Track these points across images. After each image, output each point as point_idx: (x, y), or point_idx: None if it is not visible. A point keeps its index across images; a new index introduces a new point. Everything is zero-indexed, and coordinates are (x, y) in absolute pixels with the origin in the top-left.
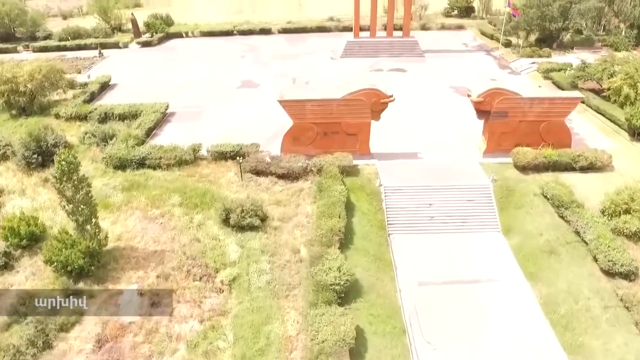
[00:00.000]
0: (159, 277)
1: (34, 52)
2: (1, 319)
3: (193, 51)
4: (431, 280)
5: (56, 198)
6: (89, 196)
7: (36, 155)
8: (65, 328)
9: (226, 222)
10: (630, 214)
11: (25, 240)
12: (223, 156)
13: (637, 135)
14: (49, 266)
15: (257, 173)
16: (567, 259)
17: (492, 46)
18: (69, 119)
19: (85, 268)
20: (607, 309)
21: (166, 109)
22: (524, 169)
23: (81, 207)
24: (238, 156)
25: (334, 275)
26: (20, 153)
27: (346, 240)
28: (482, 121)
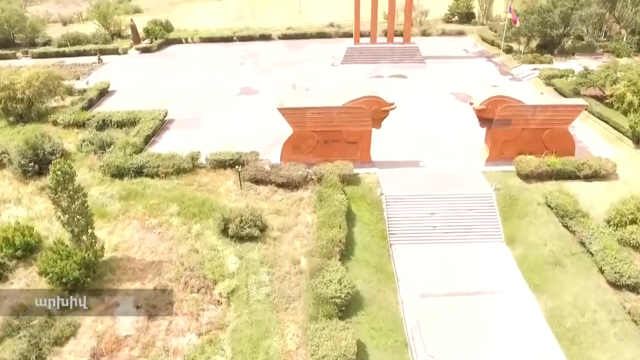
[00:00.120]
0: (156, 288)
1: (33, 58)
2: None
3: (192, 57)
4: (433, 292)
5: (52, 207)
6: (85, 206)
7: (33, 164)
8: (60, 342)
9: (225, 232)
10: (636, 224)
11: (20, 250)
12: (222, 164)
13: None
14: (44, 278)
15: (257, 182)
16: (572, 271)
17: (493, 52)
18: (67, 126)
19: (81, 280)
20: (615, 323)
21: (165, 116)
22: (527, 177)
23: (77, 218)
24: (237, 164)
25: (334, 288)
26: (16, 161)
27: (347, 251)
28: (484, 129)
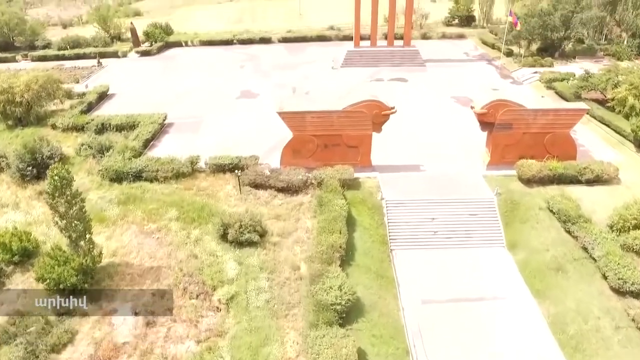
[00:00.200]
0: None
1: (33, 61)
2: None
3: (192, 60)
4: (435, 298)
5: (50, 212)
6: (83, 211)
7: (31, 168)
8: (57, 349)
9: (224, 237)
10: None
11: (17, 256)
12: (221, 169)
13: None
14: (41, 284)
15: (256, 186)
16: (575, 276)
17: (493, 55)
18: (66, 129)
19: (79, 286)
20: (619, 330)
21: (164, 119)
22: (528, 181)
23: (74, 223)
24: (237, 169)
25: (334, 295)
26: (14, 165)
27: (347, 257)
28: (485, 133)
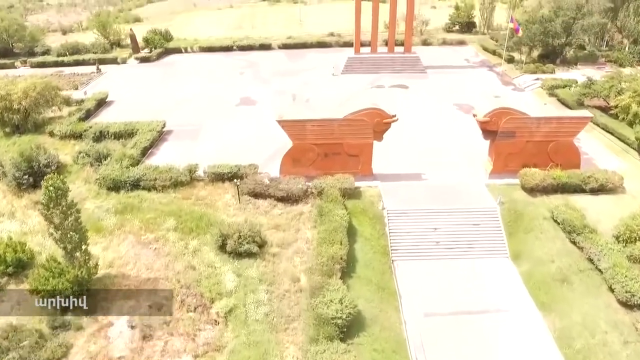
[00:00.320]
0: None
1: (32, 67)
2: None
3: (192, 67)
4: (437, 311)
5: (45, 223)
6: (79, 222)
7: (27, 176)
8: None
9: (223, 248)
10: None
11: (11, 267)
12: (220, 177)
13: None
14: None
15: (256, 195)
16: (581, 289)
17: (494, 62)
18: (64, 137)
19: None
20: (627, 345)
21: (163, 127)
22: (532, 190)
23: (70, 234)
24: (236, 178)
25: (335, 308)
26: (11, 174)
27: (348, 268)
28: (488, 141)
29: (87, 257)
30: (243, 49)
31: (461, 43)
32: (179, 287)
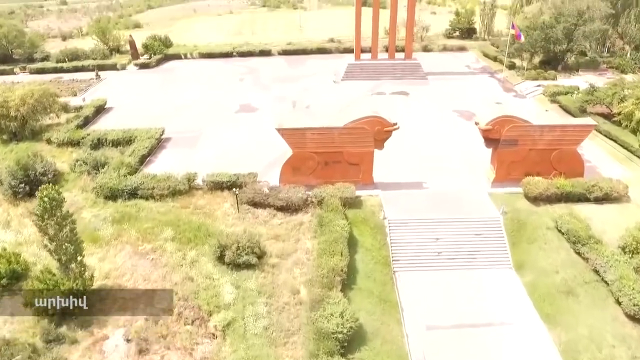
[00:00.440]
0: (147, 319)
1: (31, 73)
2: None
3: (191, 73)
4: (440, 324)
5: (40, 234)
6: (74, 233)
7: (23, 185)
8: None
9: (221, 259)
10: None
11: (5, 279)
12: (219, 186)
13: None
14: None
15: (255, 205)
16: (586, 301)
17: (495, 68)
18: (61, 144)
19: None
20: None
21: (161, 134)
22: (535, 199)
23: (65, 246)
24: (235, 186)
25: (336, 322)
26: (6, 182)
27: (349, 280)
28: (490, 149)
29: (82, 269)
30: (243, 55)
31: (462, 49)
32: (177, 299)
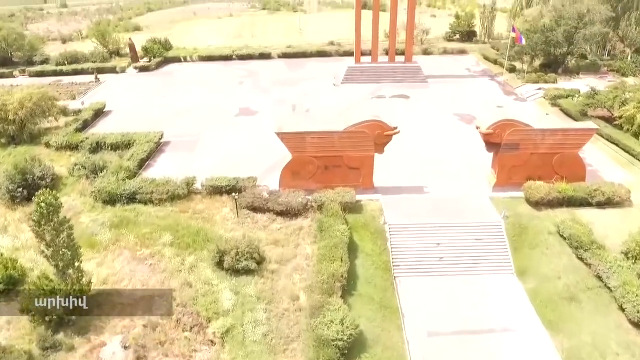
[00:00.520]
0: (146, 326)
1: (31, 77)
2: None
3: (191, 76)
4: (441, 330)
5: (37, 240)
6: (71, 239)
7: (21, 189)
8: None
9: (220, 264)
10: None
11: (1, 285)
12: (218, 191)
13: None
14: (26, 315)
15: (254, 209)
16: (590, 307)
17: (496, 71)
18: (60, 148)
19: (66, 318)
20: None
21: (160, 138)
22: (537, 204)
23: (62, 252)
24: (234, 191)
25: (336, 330)
26: (4, 186)
27: (349, 286)
28: (491, 153)
29: (80, 275)
30: (243, 58)
31: (462, 52)
32: (175, 305)
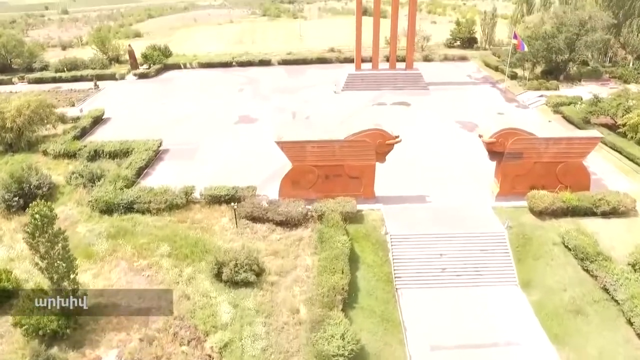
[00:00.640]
0: (142, 340)
1: (30, 83)
2: None
3: (190, 83)
4: (444, 344)
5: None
6: (66, 250)
7: (17, 198)
8: None
9: (218, 276)
10: None
11: None
12: (217, 200)
13: None
14: (19, 329)
15: (254, 219)
16: (596, 321)
17: (497, 78)
18: (57, 156)
19: (60, 332)
20: None
21: (159, 146)
22: (540, 214)
23: (57, 264)
24: (233, 200)
25: (337, 345)
26: (0, 195)
27: (350, 298)
28: (494, 162)
29: (75, 287)
30: (242, 65)
31: (463, 59)
32: (172, 318)
